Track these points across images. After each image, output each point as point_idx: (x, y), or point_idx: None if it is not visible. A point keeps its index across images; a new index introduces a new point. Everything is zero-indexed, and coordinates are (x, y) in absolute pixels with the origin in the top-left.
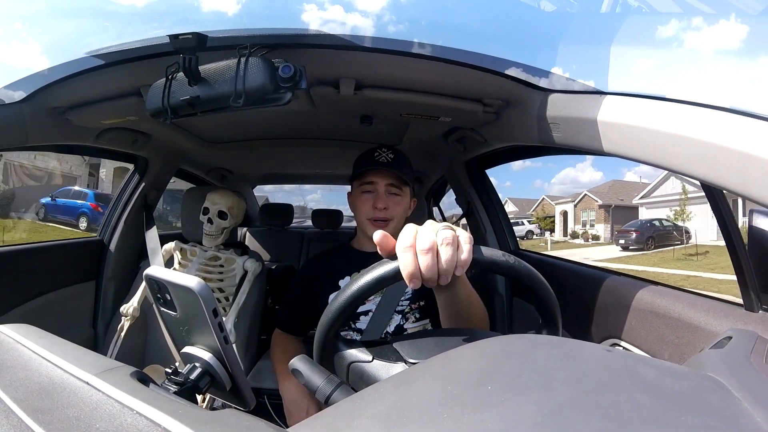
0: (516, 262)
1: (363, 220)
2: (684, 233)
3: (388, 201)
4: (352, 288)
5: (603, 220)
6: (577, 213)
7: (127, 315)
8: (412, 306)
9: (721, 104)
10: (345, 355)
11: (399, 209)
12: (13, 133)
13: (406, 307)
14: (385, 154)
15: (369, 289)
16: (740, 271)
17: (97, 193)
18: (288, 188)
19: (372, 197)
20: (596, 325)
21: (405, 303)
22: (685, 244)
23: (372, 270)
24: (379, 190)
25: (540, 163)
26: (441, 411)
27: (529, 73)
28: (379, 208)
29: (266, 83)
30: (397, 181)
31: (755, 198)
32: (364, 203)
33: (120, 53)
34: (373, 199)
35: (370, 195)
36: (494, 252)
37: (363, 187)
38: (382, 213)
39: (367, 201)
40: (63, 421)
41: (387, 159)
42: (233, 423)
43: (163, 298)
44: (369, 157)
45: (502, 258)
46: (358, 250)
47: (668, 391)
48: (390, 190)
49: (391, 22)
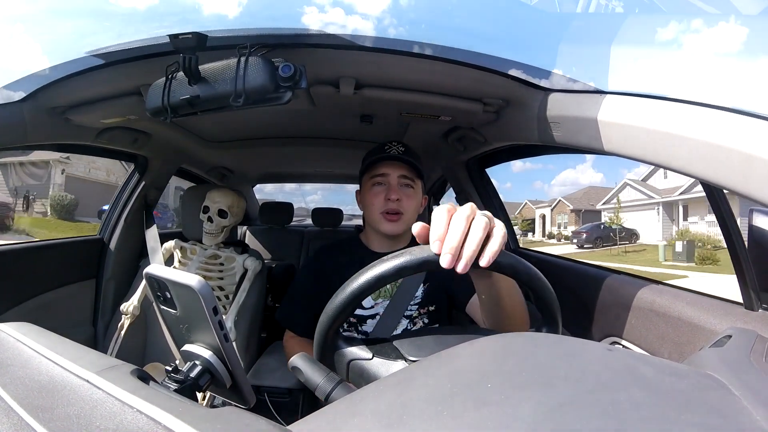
0: (516, 260)
1: (375, 215)
2: (617, 234)
3: (401, 193)
4: (352, 285)
5: (574, 222)
6: (554, 216)
7: (128, 313)
8: (421, 311)
9: (721, 104)
10: (345, 353)
11: (412, 203)
12: (12, 133)
13: (414, 311)
14: (396, 147)
15: (368, 288)
16: (740, 269)
17: None
18: (288, 189)
19: (384, 189)
20: (596, 323)
21: (414, 307)
22: (632, 243)
23: (370, 268)
24: (391, 182)
25: (540, 165)
26: (441, 408)
27: (529, 73)
28: (392, 199)
29: (266, 83)
30: (409, 173)
31: (756, 197)
32: (375, 196)
33: (120, 53)
34: (385, 192)
35: (382, 187)
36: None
37: (374, 180)
38: (395, 205)
39: (378, 194)
40: (63, 419)
41: (398, 151)
42: (233, 420)
43: (163, 296)
44: (379, 150)
45: (502, 256)
46: (370, 249)
47: (668, 389)
48: (402, 182)
49: (392, 24)
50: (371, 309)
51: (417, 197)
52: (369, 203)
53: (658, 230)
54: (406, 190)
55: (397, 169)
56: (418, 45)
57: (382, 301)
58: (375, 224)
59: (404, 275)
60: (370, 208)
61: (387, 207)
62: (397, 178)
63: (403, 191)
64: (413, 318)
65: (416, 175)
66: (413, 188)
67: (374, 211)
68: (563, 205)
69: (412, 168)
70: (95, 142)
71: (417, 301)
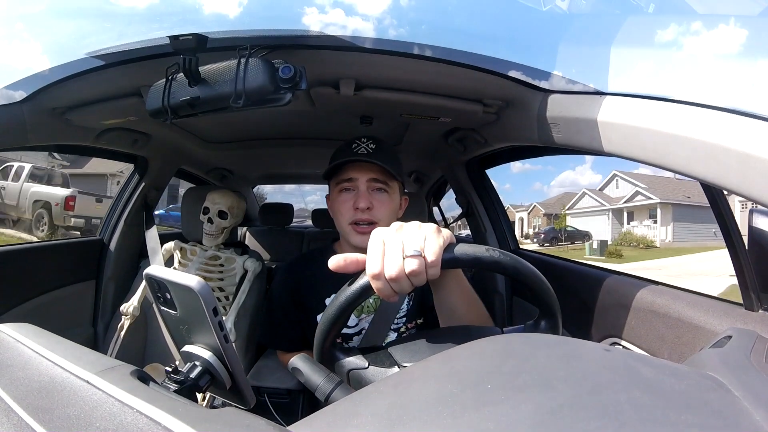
0: (501, 255)
1: (344, 226)
2: (563, 234)
3: (372, 199)
4: (332, 309)
5: (546, 224)
6: (530, 219)
7: (128, 314)
8: (408, 325)
9: (721, 105)
10: (344, 364)
11: (385, 209)
12: (13, 134)
13: (402, 325)
14: (365, 144)
15: (347, 307)
16: (740, 270)
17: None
18: (287, 189)
19: (352, 196)
20: (596, 324)
21: (401, 321)
22: (582, 243)
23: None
24: (360, 188)
25: (540, 166)
26: (441, 409)
27: (529, 74)
28: (361, 208)
29: (266, 84)
30: (381, 175)
31: (755, 198)
32: (343, 204)
33: (120, 54)
34: (353, 199)
35: (350, 194)
36: (477, 248)
37: (341, 186)
38: (366, 214)
39: (346, 201)
40: (63, 419)
41: (367, 150)
42: (233, 421)
43: (163, 297)
44: (346, 149)
45: (485, 253)
46: None
47: (668, 390)
48: (373, 186)
49: (392, 25)
50: (355, 327)
51: (392, 201)
52: (337, 211)
53: (608, 232)
54: (379, 195)
55: (366, 173)
56: (418, 46)
57: (366, 316)
58: (345, 235)
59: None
60: (338, 218)
61: (356, 217)
62: (366, 183)
63: (375, 197)
64: (401, 332)
65: (390, 176)
66: (387, 192)
67: (343, 221)
68: (538, 209)
69: (385, 169)
70: (95, 143)
71: (404, 314)
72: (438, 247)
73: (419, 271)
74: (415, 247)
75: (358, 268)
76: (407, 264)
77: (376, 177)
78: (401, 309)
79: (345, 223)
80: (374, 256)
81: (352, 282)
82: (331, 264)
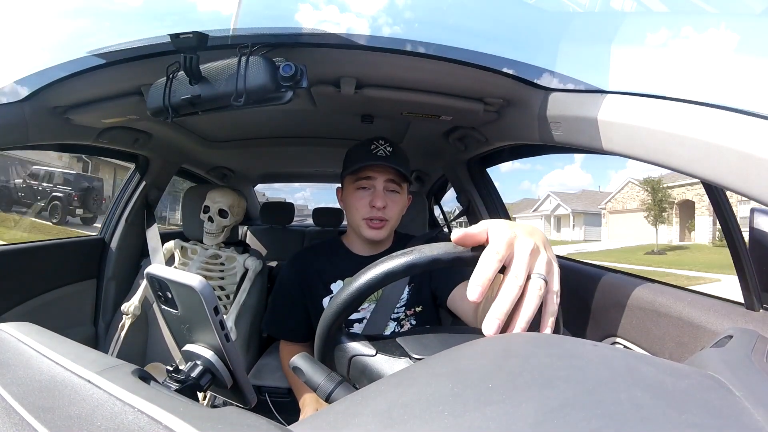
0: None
1: (357, 220)
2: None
3: (387, 199)
4: (362, 279)
5: None
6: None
7: (128, 313)
8: (408, 312)
9: (722, 103)
10: (347, 348)
11: (396, 209)
12: (14, 133)
13: (401, 313)
14: (383, 147)
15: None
16: (741, 270)
17: None
18: (276, 186)
19: (369, 195)
20: (597, 323)
21: (401, 309)
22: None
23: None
24: (377, 187)
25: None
26: (442, 408)
27: (530, 72)
28: (378, 207)
29: (267, 82)
30: (396, 177)
31: (756, 197)
32: (359, 200)
33: (121, 52)
34: (370, 197)
35: (367, 192)
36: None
37: (359, 183)
38: (381, 213)
39: (362, 199)
40: (64, 419)
41: (386, 153)
42: (234, 420)
43: (164, 296)
44: (365, 150)
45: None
46: (352, 252)
47: (669, 389)
48: (389, 187)
49: (386, 23)
50: (358, 313)
51: (402, 201)
52: (352, 206)
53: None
54: (392, 195)
55: (384, 174)
56: (419, 44)
57: (368, 305)
58: (357, 228)
59: (414, 272)
60: (352, 212)
61: (372, 214)
62: (383, 183)
63: (389, 197)
64: (400, 320)
65: (403, 178)
66: (399, 193)
67: (357, 216)
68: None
69: (399, 172)
70: (96, 142)
71: (403, 302)
72: (558, 275)
73: (540, 293)
74: (540, 271)
75: (475, 243)
76: (533, 284)
77: (392, 178)
78: (401, 297)
79: (359, 218)
80: (500, 242)
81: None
82: (455, 237)
